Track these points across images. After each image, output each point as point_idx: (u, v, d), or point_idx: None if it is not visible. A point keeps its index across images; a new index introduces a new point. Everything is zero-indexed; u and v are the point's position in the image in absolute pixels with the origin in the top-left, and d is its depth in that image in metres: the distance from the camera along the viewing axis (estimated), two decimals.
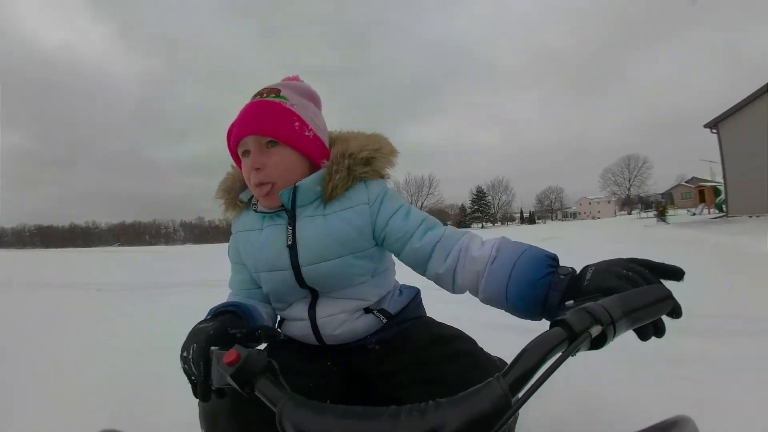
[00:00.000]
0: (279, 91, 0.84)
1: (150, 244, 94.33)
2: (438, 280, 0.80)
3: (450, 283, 0.77)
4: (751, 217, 12.73)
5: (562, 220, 68.81)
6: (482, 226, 56.69)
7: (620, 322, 0.40)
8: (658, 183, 59.33)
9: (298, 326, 0.89)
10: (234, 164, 0.95)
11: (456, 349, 0.80)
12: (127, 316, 3.77)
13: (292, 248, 0.82)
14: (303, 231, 0.82)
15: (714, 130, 15.86)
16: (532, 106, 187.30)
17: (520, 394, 0.35)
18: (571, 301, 0.51)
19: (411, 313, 0.95)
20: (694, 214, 23.57)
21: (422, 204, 59.07)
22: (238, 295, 0.93)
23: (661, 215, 20.00)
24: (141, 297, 5.05)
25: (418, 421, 0.33)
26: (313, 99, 0.91)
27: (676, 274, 0.50)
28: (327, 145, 0.89)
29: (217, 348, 0.54)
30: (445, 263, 0.76)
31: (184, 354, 0.57)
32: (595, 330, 0.39)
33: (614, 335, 0.40)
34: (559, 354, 0.37)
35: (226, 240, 1.00)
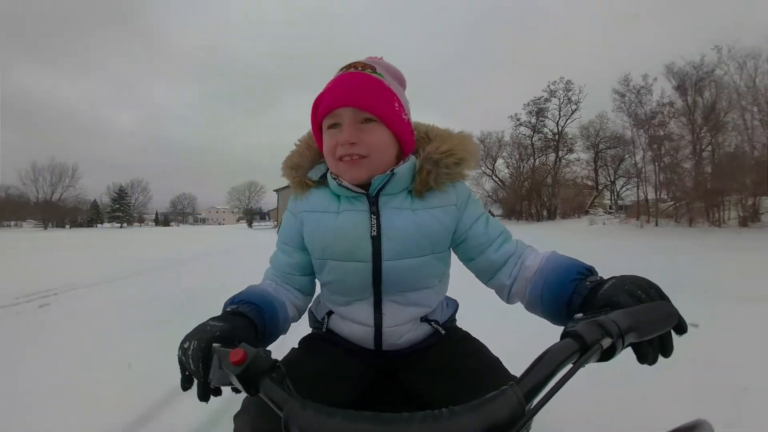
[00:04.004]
0: (374, 68, 0.80)
1: None
2: (500, 290, 0.81)
3: (507, 293, 0.79)
4: None
5: (193, 224, 79.38)
6: (122, 226, 55.91)
7: (628, 335, 0.42)
8: (270, 203, 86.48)
9: (357, 328, 0.84)
10: (301, 139, 0.90)
11: (469, 348, 0.84)
12: None
13: (376, 239, 0.77)
14: (390, 222, 0.78)
15: (275, 191, 31.97)
16: (184, 102, 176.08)
17: (533, 403, 0.35)
18: (581, 314, 0.50)
19: (451, 322, 0.95)
20: (274, 224, 43.00)
21: (61, 196, 49.60)
22: (275, 275, 0.87)
23: (249, 224, 40.80)
24: None
25: (432, 428, 0.33)
26: (403, 83, 0.86)
27: (680, 327, 0.48)
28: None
29: (219, 345, 0.51)
30: (511, 275, 0.78)
31: (185, 345, 0.53)
32: (606, 342, 0.40)
33: (622, 347, 0.42)
34: (570, 365, 0.38)
35: None
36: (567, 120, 31.28)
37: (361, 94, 0.73)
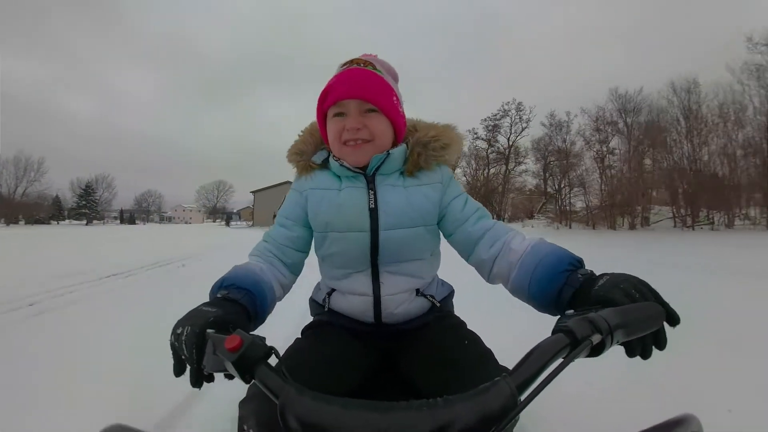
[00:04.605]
0: (374, 65, 0.89)
1: None
2: (479, 265, 0.86)
3: (488, 270, 0.84)
4: (263, 227, 29.90)
5: (159, 223, 78.14)
6: (87, 223, 55.11)
7: (617, 332, 0.43)
8: (237, 202, 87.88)
9: (357, 300, 0.91)
10: (303, 130, 1.00)
11: (463, 337, 0.87)
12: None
13: (374, 212, 0.86)
14: (385, 197, 0.87)
15: (252, 193, 38.25)
16: (146, 92, 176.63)
17: (524, 395, 0.37)
18: (572, 311, 0.51)
19: (446, 305, 1.00)
20: (247, 224, 46.39)
21: (25, 191, 47.22)
22: (268, 249, 0.92)
23: (227, 223, 47.59)
24: None
25: (428, 417, 0.34)
26: (396, 78, 0.96)
27: (672, 318, 0.51)
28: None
29: (213, 331, 0.51)
30: (490, 251, 0.82)
31: (178, 330, 0.53)
32: (596, 338, 0.42)
33: (611, 344, 0.44)
34: (561, 359, 0.40)
35: None
36: (517, 137, 35.66)
37: (365, 88, 0.84)
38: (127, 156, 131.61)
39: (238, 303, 0.66)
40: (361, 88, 0.84)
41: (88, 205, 59.94)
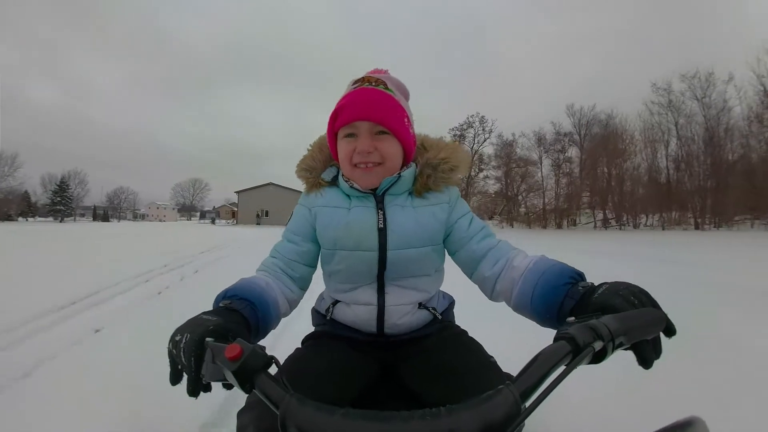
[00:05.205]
0: (386, 84, 0.88)
1: None
2: (482, 283, 0.87)
3: (491, 288, 0.85)
4: (245, 225, 33.42)
5: (133, 220, 76.68)
6: (62, 220, 54.10)
7: (619, 338, 0.44)
8: (213, 200, 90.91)
9: (361, 310, 0.91)
10: (312, 144, 1.00)
11: (466, 346, 0.88)
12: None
13: (382, 231, 0.86)
14: (394, 217, 0.88)
15: (236, 193, 42.45)
16: (118, 85, 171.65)
17: (528, 402, 0.37)
18: (572, 318, 0.50)
19: (447, 316, 1.01)
20: (227, 222, 50.70)
21: None
22: (276, 264, 0.92)
23: (213, 222, 53.05)
24: None
25: (431, 426, 0.34)
26: (407, 96, 0.95)
27: (669, 330, 0.51)
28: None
29: (212, 340, 0.50)
30: (493, 269, 0.83)
31: (177, 338, 0.52)
32: (597, 345, 0.42)
33: (613, 350, 0.44)
34: (564, 367, 0.40)
35: None
36: (480, 146, 39.93)
37: (377, 110, 0.83)
38: (98, 152, 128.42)
39: (240, 313, 0.66)
40: (373, 110, 0.84)
41: (63, 202, 58.81)
